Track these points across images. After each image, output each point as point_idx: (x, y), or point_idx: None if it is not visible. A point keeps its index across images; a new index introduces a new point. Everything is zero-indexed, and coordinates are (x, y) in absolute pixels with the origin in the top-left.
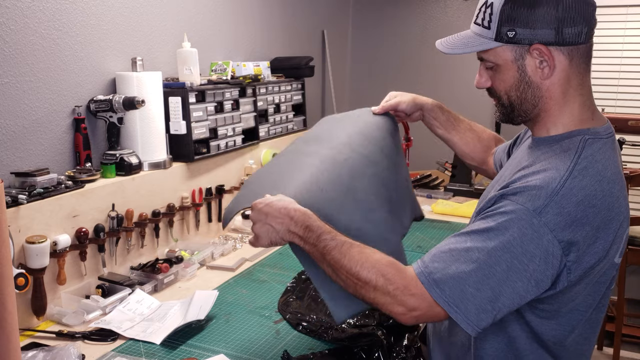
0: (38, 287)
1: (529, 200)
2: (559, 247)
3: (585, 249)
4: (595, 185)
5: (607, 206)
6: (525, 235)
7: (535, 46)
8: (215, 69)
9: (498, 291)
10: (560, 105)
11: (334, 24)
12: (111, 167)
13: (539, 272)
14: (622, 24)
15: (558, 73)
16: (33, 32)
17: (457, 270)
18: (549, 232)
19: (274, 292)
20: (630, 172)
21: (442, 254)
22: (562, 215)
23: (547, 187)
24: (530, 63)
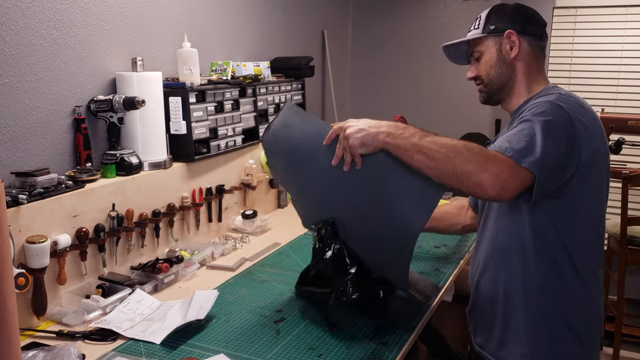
0: (38, 287)
1: (545, 96)
2: (574, 128)
3: (590, 136)
4: (579, 102)
5: (590, 110)
6: (553, 112)
7: (508, 32)
8: (216, 69)
9: (545, 147)
10: (527, 79)
11: (334, 24)
12: (111, 167)
13: (565, 143)
14: (621, 24)
15: (523, 55)
16: (33, 32)
17: (514, 137)
18: (565, 112)
19: (274, 292)
20: (630, 172)
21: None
22: (569, 102)
23: (548, 98)
24: (505, 46)
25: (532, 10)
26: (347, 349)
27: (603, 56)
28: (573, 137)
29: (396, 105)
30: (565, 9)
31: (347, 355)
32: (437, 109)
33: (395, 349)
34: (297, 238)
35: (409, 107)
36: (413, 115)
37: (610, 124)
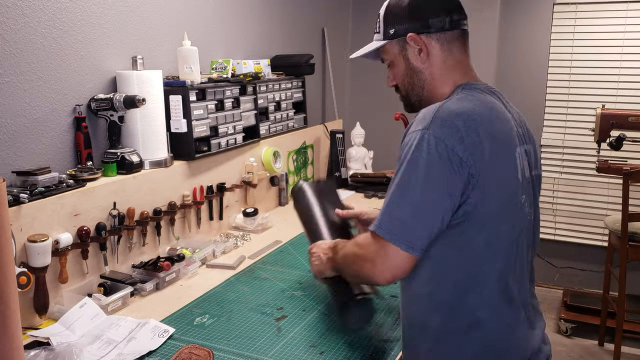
0: (40, 285)
1: (418, 125)
2: (455, 154)
3: (481, 157)
4: (473, 107)
5: (488, 120)
6: (422, 149)
7: (409, 36)
8: (216, 67)
9: (415, 204)
10: (444, 82)
11: (334, 21)
12: (112, 166)
13: (446, 181)
14: (622, 20)
15: (433, 57)
16: (34, 31)
17: (386, 205)
18: (441, 141)
19: (275, 289)
20: (631, 168)
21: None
22: (447, 125)
23: (429, 110)
24: (411, 52)
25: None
26: (349, 346)
27: (603, 52)
28: (451, 172)
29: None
30: (566, 5)
31: (348, 353)
32: None
33: (397, 346)
34: (298, 236)
35: None
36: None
37: (610, 120)
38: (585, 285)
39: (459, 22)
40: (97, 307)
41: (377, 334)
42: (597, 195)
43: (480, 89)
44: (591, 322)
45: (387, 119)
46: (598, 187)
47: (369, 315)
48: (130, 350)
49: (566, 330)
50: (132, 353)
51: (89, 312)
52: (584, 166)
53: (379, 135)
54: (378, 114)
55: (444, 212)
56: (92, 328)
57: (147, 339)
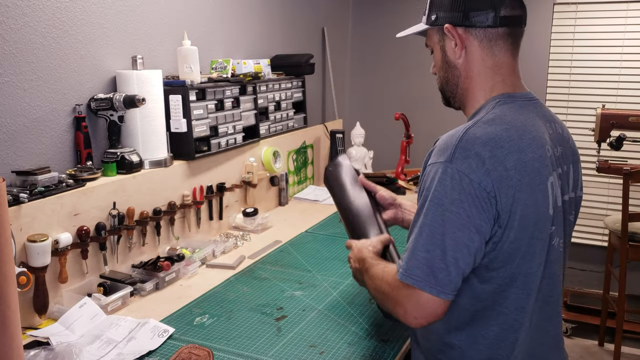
0: (40, 285)
1: (439, 155)
2: (482, 189)
3: (507, 191)
4: (501, 132)
5: (518, 149)
6: (446, 186)
7: (446, 26)
8: (216, 66)
9: (444, 246)
10: (478, 84)
11: (334, 21)
12: (112, 166)
13: (474, 218)
14: (622, 19)
15: (470, 54)
16: (33, 30)
17: (412, 248)
18: (465, 176)
19: (275, 289)
20: (631, 168)
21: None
22: (471, 157)
23: (451, 138)
24: (448, 44)
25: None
26: (349, 346)
27: (604, 52)
28: (476, 207)
29: (396, 102)
30: (566, 4)
31: (348, 353)
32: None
33: (397, 346)
34: (298, 236)
35: (409, 105)
36: (413, 113)
37: (610, 120)
38: (585, 285)
39: (508, 19)
40: (96, 307)
41: (377, 333)
42: (597, 195)
43: (519, 103)
44: (591, 322)
45: (387, 118)
46: (598, 187)
47: None
48: (130, 350)
49: (566, 330)
50: (132, 353)
51: (89, 312)
52: (584, 166)
53: (379, 135)
54: (378, 114)
55: (475, 251)
56: (92, 328)
57: (146, 339)
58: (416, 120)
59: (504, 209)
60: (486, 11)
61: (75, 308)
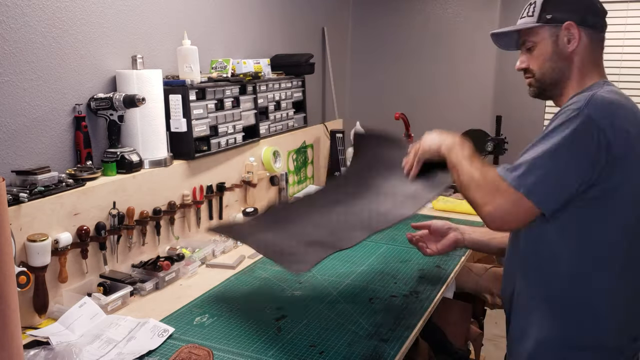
0: (40, 285)
1: (572, 106)
2: (604, 136)
3: (626, 141)
4: (621, 98)
5: (633, 112)
6: (575, 123)
7: (567, 24)
8: (216, 66)
9: (560, 169)
10: (581, 74)
11: (334, 20)
12: (112, 165)
13: (592, 154)
14: (622, 19)
15: (581, 48)
16: (33, 30)
17: (529, 163)
18: (593, 121)
19: (275, 289)
20: None
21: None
22: (600, 109)
23: (581, 97)
24: (562, 38)
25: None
26: (349, 346)
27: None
28: (597, 149)
29: (397, 101)
30: None
31: (348, 353)
32: (438, 106)
33: (397, 345)
34: None
35: (409, 104)
36: (414, 112)
37: None
38: None
39: (605, 27)
40: (96, 307)
41: (377, 333)
42: None
43: (618, 90)
44: None
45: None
46: None
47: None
48: (130, 350)
49: None
50: (132, 352)
51: (89, 312)
52: None
53: None
54: (378, 113)
55: (582, 181)
56: (92, 327)
57: (146, 339)
58: (416, 120)
59: (623, 156)
60: (599, 17)
61: (75, 308)
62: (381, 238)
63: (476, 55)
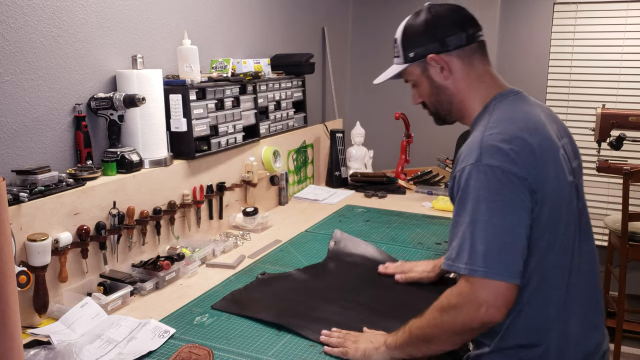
0: (40, 284)
1: (466, 160)
2: (513, 176)
3: (535, 172)
4: (510, 126)
5: (529, 134)
6: (482, 181)
7: (430, 57)
8: (216, 66)
9: (499, 234)
10: (470, 95)
11: (334, 20)
12: (112, 165)
13: (516, 201)
14: (622, 19)
15: (456, 72)
16: (33, 29)
17: (464, 247)
18: (496, 168)
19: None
20: (631, 168)
21: (452, 246)
22: (496, 153)
23: (472, 144)
24: (433, 71)
25: (446, 11)
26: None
27: (604, 52)
28: (514, 191)
29: (396, 101)
30: (566, 4)
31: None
32: None
33: None
34: (298, 235)
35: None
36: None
37: (611, 119)
38: None
39: (475, 35)
40: (98, 307)
41: None
42: (597, 195)
43: (510, 98)
44: None
45: (387, 118)
46: (598, 187)
47: None
48: (130, 350)
49: None
50: (132, 353)
51: (90, 312)
52: (585, 166)
53: (379, 135)
54: (378, 113)
55: (526, 230)
56: (93, 327)
57: (147, 339)
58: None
59: (536, 187)
60: (459, 33)
61: (76, 307)
62: (381, 238)
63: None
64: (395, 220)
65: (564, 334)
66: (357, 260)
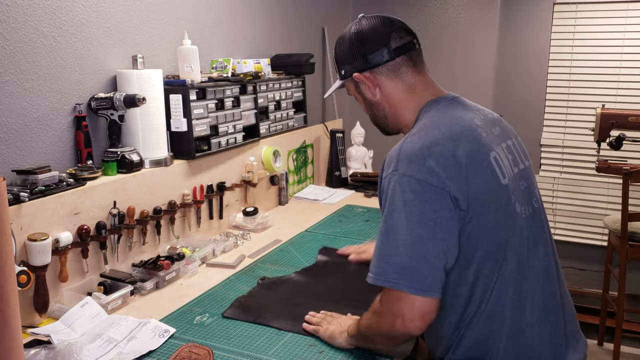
0: (40, 284)
1: (387, 168)
2: (428, 185)
3: (455, 178)
4: (433, 132)
5: (452, 140)
6: (396, 191)
7: (355, 75)
8: (216, 66)
9: (409, 245)
10: (401, 108)
11: (334, 20)
12: (112, 165)
13: (428, 212)
14: (622, 19)
15: (384, 88)
16: (34, 29)
17: (379, 256)
18: (411, 177)
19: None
20: (631, 168)
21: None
22: (413, 161)
23: (393, 152)
24: (364, 88)
25: (370, 26)
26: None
27: (603, 52)
28: (428, 202)
29: None
30: (566, 4)
31: (348, 352)
32: None
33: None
34: (298, 235)
35: None
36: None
37: (610, 119)
38: (584, 285)
39: (401, 49)
40: (98, 307)
41: None
42: (596, 195)
43: (443, 103)
44: (591, 322)
45: None
46: (598, 187)
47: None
48: (131, 350)
49: None
50: (132, 352)
51: (90, 311)
52: (584, 166)
53: (379, 135)
54: None
55: (443, 243)
56: (93, 327)
57: (147, 339)
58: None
59: (458, 193)
60: (380, 50)
61: (77, 307)
62: None
63: (476, 55)
64: None
65: (518, 346)
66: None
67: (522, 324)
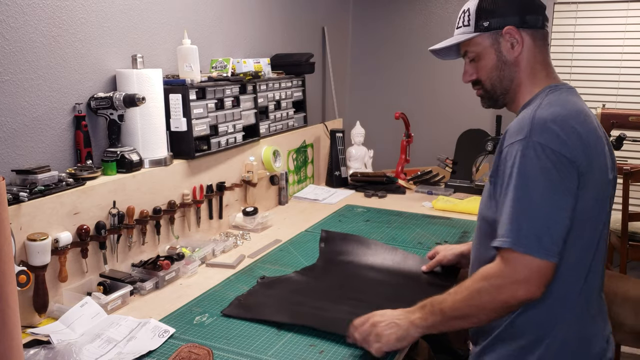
0: (40, 284)
1: (515, 135)
2: (563, 156)
3: (583, 156)
4: (563, 110)
5: (580, 123)
6: (531, 158)
7: (507, 29)
8: (216, 65)
9: (546, 212)
10: (531, 78)
11: (334, 20)
12: (112, 165)
13: (563, 181)
14: (622, 19)
15: (526, 51)
16: (33, 29)
17: (511, 221)
18: (546, 146)
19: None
20: (631, 168)
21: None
22: (547, 132)
23: (523, 120)
24: (504, 45)
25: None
26: (348, 345)
27: (604, 52)
28: (563, 172)
29: (397, 101)
30: (566, 4)
31: (348, 352)
32: (438, 105)
33: None
34: (297, 235)
35: (409, 103)
36: (413, 112)
37: (611, 119)
38: None
39: (546, 23)
40: (98, 307)
41: None
42: None
43: (564, 90)
44: None
45: (387, 118)
46: None
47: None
48: (130, 350)
49: None
50: (132, 352)
51: (90, 311)
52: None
53: (379, 135)
54: (378, 113)
55: (570, 212)
56: (93, 327)
57: (147, 339)
58: (416, 119)
59: (585, 171)
60: (537, 15)
61: (76, 307)
62: (381, 237)
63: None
64: (395, 220)
65: (571, 331)
66: (350, 259)
67: (582, 312)
